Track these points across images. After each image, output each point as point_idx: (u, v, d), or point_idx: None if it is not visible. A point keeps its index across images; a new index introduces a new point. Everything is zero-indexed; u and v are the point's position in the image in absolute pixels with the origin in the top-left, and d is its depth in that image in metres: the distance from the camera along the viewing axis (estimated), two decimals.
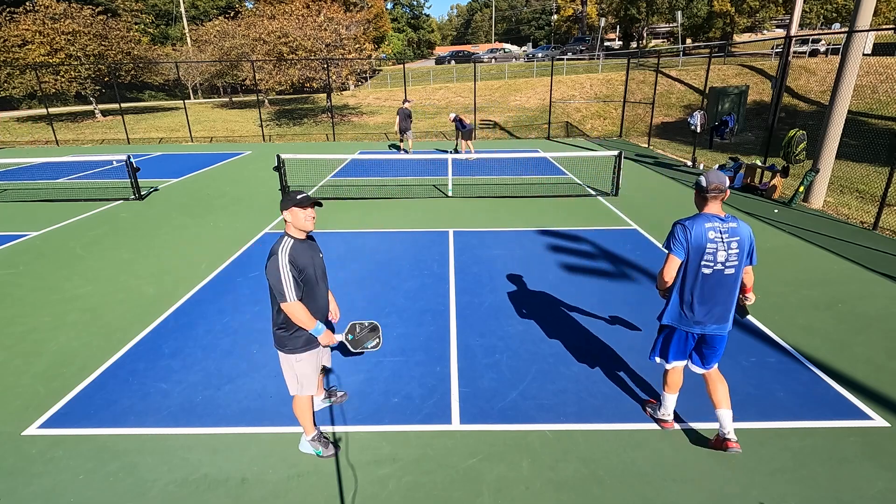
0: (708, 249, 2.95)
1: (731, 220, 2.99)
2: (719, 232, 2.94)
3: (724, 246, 2.95)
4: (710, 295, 3.04)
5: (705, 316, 3.09)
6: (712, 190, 2.98)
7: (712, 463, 3.26)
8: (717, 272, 2.99)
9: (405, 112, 15.20)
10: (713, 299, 3.05)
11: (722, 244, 2.95)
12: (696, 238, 2.95)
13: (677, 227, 3.04)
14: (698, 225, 2.97)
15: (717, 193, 2.98)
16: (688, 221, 3.02)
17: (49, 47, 23.21)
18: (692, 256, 2.98)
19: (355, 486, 3.11)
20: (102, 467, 3.28)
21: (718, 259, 2.96)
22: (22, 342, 4.87)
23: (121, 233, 8.31)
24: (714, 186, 2.97)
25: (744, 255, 2.99)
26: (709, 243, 2.94)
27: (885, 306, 5.36)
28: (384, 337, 4.85)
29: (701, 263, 2.99)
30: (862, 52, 8.45)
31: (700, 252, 2.96)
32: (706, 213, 3.01)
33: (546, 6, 76.00)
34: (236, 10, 36.25)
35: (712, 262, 2.97)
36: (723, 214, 3.00)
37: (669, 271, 3.08)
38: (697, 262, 2.99)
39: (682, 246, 2.99)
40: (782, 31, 34.35)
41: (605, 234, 7.88)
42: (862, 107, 17.40)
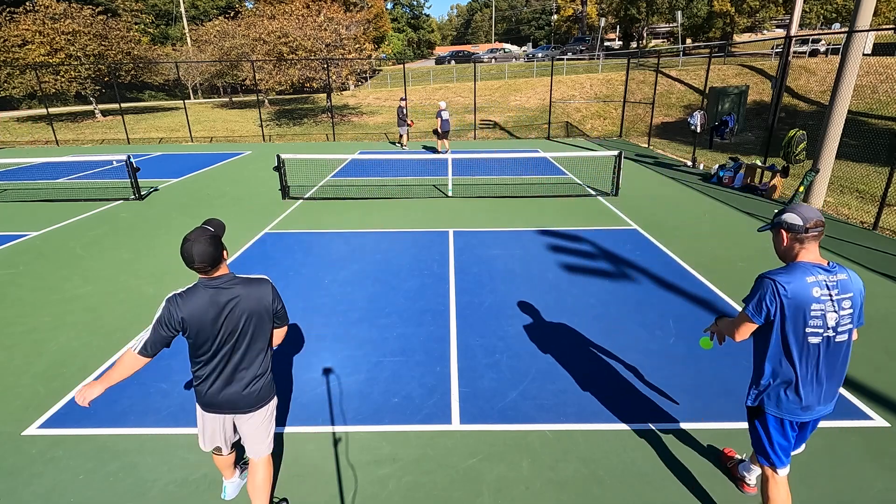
0: (813, 312, 2.19)
1: (839, 270, 2.24)
2: (826, 287, 2.19)
3: (835, 306, 2.20)
4: (820, 371, 2.29)
5: (816, 398, 2.34)
6: (813, 228, 2.22)
7: (712, 463, 3.26)
8: (827, 340, 2.24)
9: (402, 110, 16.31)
10: (823, 376, 2.31)
11: (831, 303, 2.20)
12: (795, 298, 2.19)
13: (766, 284, 2.24)
14: (797, 280, 2.20)
15: (818, 233, 2.25)
16: (782, 276, 2.23)
17: (49, 47, 23.22)
18: (792, 323, 2.22)
19: (355, 486, 3.11)
20: (102, 467, 3.28)
21: (828, 323, 2.21)
22: (22, 342, 4.87)
23: (121, 233, 8.31)
24: (815, 223, 2.22)
25: (856, 315, 2.26)
26: (814, 303, 2.18)
27: (885, 306, 5.36)
28: (384, 336, 4.86)
29: (806, 332, 2.22)
30: (862, 52, 8.45)
31: (802, 316, 2.20)
32: (804, 263, 2.25)
33: (546, 6, 76.01)
34: (236, 10, 36.26)
35: (821, 327, 2.21)
36: (825, 262, 2.26)
37: (742, 333, 2.40)
38: (801, 331, 2.23)
39: (769, 310, 2.24)
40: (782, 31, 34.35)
41: (605, 234, 7.88)
42: (862, 107, 17.39)
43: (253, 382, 2.53)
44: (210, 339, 2.39)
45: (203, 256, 2.31)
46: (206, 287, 2.38)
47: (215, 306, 2.36)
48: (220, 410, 2.55)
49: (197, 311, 2.33)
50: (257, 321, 2.46)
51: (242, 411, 2.56)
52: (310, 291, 5.88)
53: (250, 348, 2.48)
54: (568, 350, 4.59)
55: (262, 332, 2.50)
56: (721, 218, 8.64)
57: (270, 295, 2.51)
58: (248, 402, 2.54)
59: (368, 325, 5.07)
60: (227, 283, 2.42)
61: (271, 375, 2.65)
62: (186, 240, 2.31)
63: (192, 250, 2.30)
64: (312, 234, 8.08)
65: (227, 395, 2.49)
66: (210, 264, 2.35)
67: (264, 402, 2.61)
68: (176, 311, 2.33)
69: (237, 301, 2.40)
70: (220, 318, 2.37)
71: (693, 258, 6.76)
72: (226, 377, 2.47)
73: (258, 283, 2.50)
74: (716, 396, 3.89)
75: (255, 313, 2.44)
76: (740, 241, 7.45)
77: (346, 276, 6.30)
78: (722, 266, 6.48)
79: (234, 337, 2.42)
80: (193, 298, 2.35)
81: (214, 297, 2.37)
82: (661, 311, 5.27)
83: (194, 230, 2.35)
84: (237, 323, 2.40)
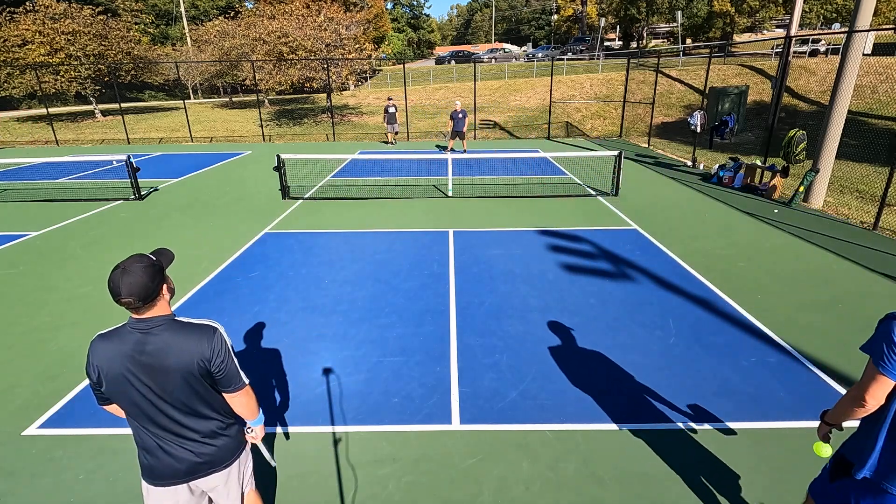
0: None
1: None
2: None
3: None
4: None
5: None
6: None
7: (712, 463, 3.26)
8: None
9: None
10: None
11: None
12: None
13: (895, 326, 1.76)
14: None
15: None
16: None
17: (49, 47, 23.22)
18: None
19: (355, 486, 3.11)
20: (102, 467, 3.28)
21: None
22: (22, 342, 4.88)
23: (121, 233, 8.31)
24: None
25: None
26: None
27: (885, 306, 5.36)
28: (384, 336, 4.86)
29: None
30: (862, 52, 8.45)
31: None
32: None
33: (546, 6, 76.01)
34: (236, 10, 36.25)
35: None
36: None
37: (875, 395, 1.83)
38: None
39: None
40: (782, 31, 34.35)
41: (605, 234, 7.88)
42: (862, 107, 17.39)
43: (207, 443, 2.06)
44: (134, 397, 1.91)
45: (132, 288, 1.80)
46: (132, 330, 1.89)
47: (138, 356, 1.87)
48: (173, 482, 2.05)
49: (113, 361, 1.87)
50: (191, 381, 1.93)
51: (202, 475, 2.09)
52: (310, 291, 5.88)
53: (189, 412, 1.98)
54: (568, 350, 4.59)
55: (201, 390, 1.98)
56: (721, 218, 8.64)
57: (208, 351, 1.92)
58: (207, 463, 2.08)
59: (368, 325, 5.07)
60: (158, 326, 1.89)
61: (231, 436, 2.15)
62: (117, 267, 1.84)
63: (119, 280, 1.80)
64: (312, 234, 8.08)
65: (172, 464, 2.02)
66: (141, 299, 1.83)
67: (233, 458, 2.16)
68: (93, 356, 1.89)
69: (166, 352, 1.88)
70: (145, 373, 1.88)
71: (693, 258, 6.76)
72: (169, 442, 2.00)
73: (198, 331, 1.94)
74: (716, 396, 3.89)
75: (186, 371, 1.91)
76: (740, 241, 7.45)
77: (346, 276, 6.30)
78: (722, 266, 6.48)
79: (165, 396, 1.93)
80: (114, 343, 1.88)
81: (139, 345, 1.87)
82: (661, 311, 5.27)
83: (130, 256, 1.88)
84: (165, 379, 1.90)
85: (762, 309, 5.31)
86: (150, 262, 1.88)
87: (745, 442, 3.41)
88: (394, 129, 18.07)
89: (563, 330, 4.94)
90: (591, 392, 3.98)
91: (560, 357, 4.47)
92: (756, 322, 5.04)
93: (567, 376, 4.19)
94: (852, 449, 2.00)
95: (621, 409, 3.77)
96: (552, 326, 5.01)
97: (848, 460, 2.01)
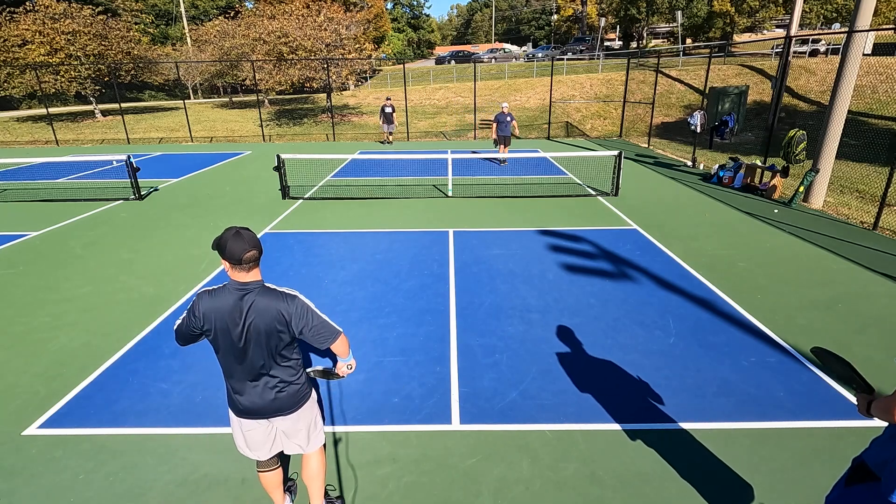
0: None
1: None
2: None
3: None
4: None
5: None
6: None
7: (713, 463, 3.26)
8: None
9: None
10: None
11: None
12: None
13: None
14: None
15: None
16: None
17: (49, 47, 23.21)
18: None
19: (355, 486, 3.11)
20: (102, 467, 3.28)
21: None
22: (22, 342, 4.87)
23: (121, 233, 8.31)
24: None
25: None
26: None
27: (885, 306, 5.36)
28: (384, 336, 4.86)
29: None
30: (862, 52, 8.45)
31: None
32: None
33: (546, 6, 76.00)
34: (236, 10, 36.24)
35: None
36: None
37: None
38: None
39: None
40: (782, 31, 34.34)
41: (605, 234, 7.88)
42: (862, 107, 17.39)
43: (280, 389, 2.41)
44: (227, 345, 2.29)
45: (255, 242, 2.22)
46: (233, 289, 2.26)
47: (235, 311, 2.25)
48: (252, 416, 2.45)
49: (216, 312, 2.25)
50: (272, 338, 2.29)
51: (278, 414, 2.46)
52: (310, 291, 5.87)
53: (271, 359, 2.35)
54: (568, 350, 4.59)
55: (280, 347, 2.34)
56: (721, 218, 8.64)
57: (291, 314, 2.28)
58: (281, 406, 2.44)
59: (368, 325, 5.07)
60: (254, 291, 2.27)
61: (304, 382, 2.52)
62: (224, 236, 2.20)
63: (239, 240, 2.18)
64: (312, 234, 8.08)
65: (255, 402, 2.40)
66: (260, 253, 2.26)
67: (300, 404, 2.51)
68: (199, 306, 2.28)
69: (256, 312, 2.25)
70: (237, 325, 2.25)
71: (693, 258, 6.76)
72: (250, 386, 2.37)
73: (283, 297, 2.30)
74: (716, 396, 3.89)
75: (270, 329, 2.27)
76: (740, 241, 7.45)
77: (346, 276, 6.30)
78: (722, 266, 6.48)
79: (251, 346, 2.29)
80: (218, 298, 2.27)
81: (238, 302, 2.25)
82: (661, 311, 5.27)
83: (230, 227, 2.24)
84: (252, 334, 2.27)
85: (762, 309, 5.31)
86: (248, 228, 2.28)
87: (744, 442, 3.41)
88: (389, 129, 18.08)
89: (563, 330, 4.94)
90: (591, 392, 3.98)
91: (560, 357, 4.47)
92: (756, 322, 5.04)
93: (567, 376, 4.19)
94: (880, 463, 1.91)
95: (621, 409, 3.77)
96: (552, 326, 5.01)
97: (871, 470, 1.94)
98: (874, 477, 1.92)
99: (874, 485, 1.90)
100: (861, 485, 1.97)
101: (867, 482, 1.94)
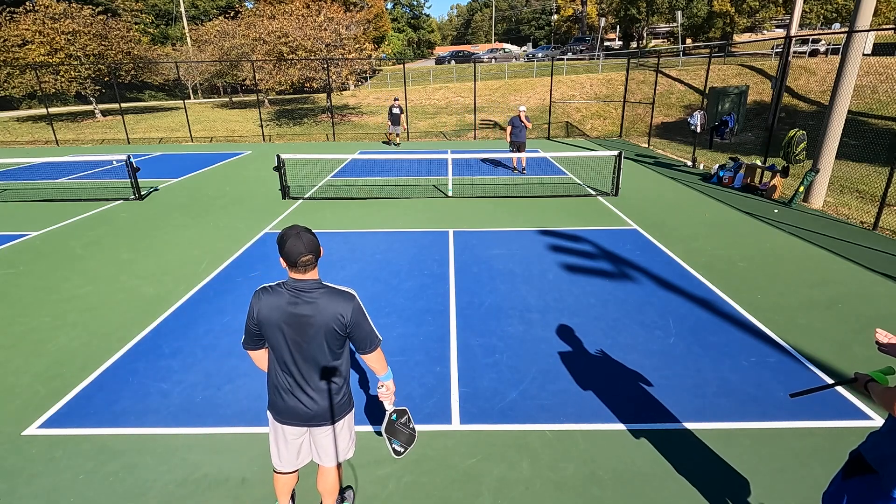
0: None
1: None
2: None
3: None
4: None
5: None
6: None
7: (713, 463, 3.26)
8: None
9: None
10: None
11: None
12: None
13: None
14: None
15: None
16: None
17: (49, 47, 23.22)
18: None
19: (355, 486, 3.11)
20: (102, 467, 3.28)
21: None
22: (22, 342, 4.87)
23: (121, 233, 8.31)
24: None
25: None
26: None
27: (885, 306, 5.36)
28: (384, 336, 4.85)
29: None
30: (862, 52, 8.45)
31: None
32: None
33: (546, 6, 76.00)
34: (236, 10, 36.25)
35: None
36: None
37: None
38: None
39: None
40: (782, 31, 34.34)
41: (605, 234, 7.88)
42: (862, 107, 17.39)
43: (324, 397, 2.35)
44: (278, 344, 2.26)
45: (311, 246, 2.20)
46: (289, 288, 2.24)
47: (290, 309, 2.22)
48: (292, 422, 2.39)
49: (270, 310, 2.23)
50: (328, 337, 2.26)
51: (315, 424, 2.41)
52: None
53: (322, 361, 2.30)
54: (568, 350, 4.59)
55: (334, 347, 2.30)
56: (721, 218, 8.64)
57: (349, 314, 2.25)
58: (321, 415, 2.38)
59: None
60: (311, 289, 2.25)
61: (348, 391, 2.48)
62: (286, 235, 2.19)
63: (299, 241, 2.16)
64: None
65: (295, 407, 2.35)
66: (317, 257, 2.25)
67: (340, 415, 2.46)
68: (255, 302, 2.27)
69: (314, 310, 2.22)
70: (292, 325, 2.23)
71: (693, 258, 6.76)
72: (296, 387, 2.32)
73: (341, 296, 2.28)
74: (716, 396, 3.89)
75: (327, 329, 2.24)
76: (740, 241, 7.45)
77: (346, 276, 6.30)
78: (722, 266, 6.48)
79: (304, 347, 2.25)
80: (274, 296, 2.25)
81: (293, 301, 2.22)
82: (661, 311, 5.27)
83: (292, 226, 2.24)
84: (309, 333, 2.23)
85: (762, 309, 5.31)
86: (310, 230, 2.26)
87: (744, 442, 3.41)
88: (396, 131, 18.04)
89: (563, 330, 4.94)
90: (591, 392, 3.98)
91: (560, 357, 4.47)
92: (756, 322, 5.04)
93: (567, 376, 4.19)
94: (878, 457, 1.93)
95: (621, 409, 3.77)
96: (552, 326, 5.01)
97: (868, 464, 1.97)
98: (871, 470, 1.94)
99: (872, 478, 1.92)
100: (858, 477, 1.99)
101: (864, 475, 1.96)
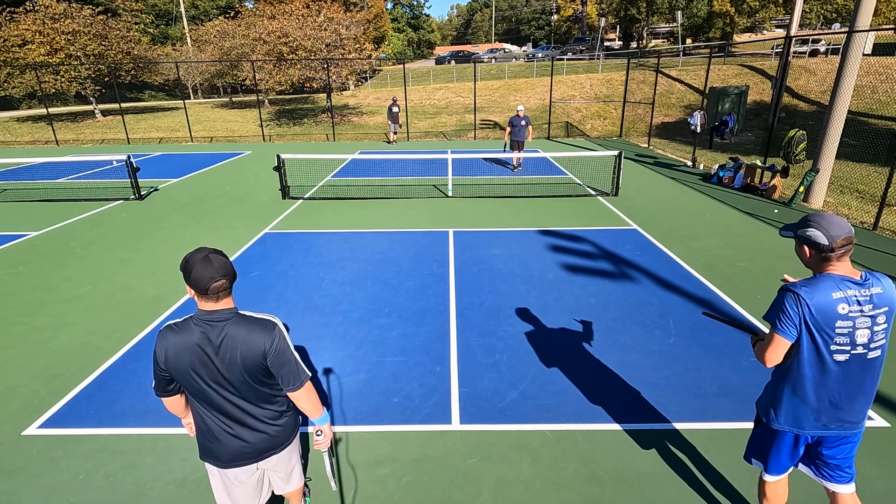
0: (839, 329, 2.00)
1: (874, 282, 2.04)
2: (857, 303, 2.00)
3: (867, 321, 2.01)
4: (846, 390, 2.10)
5: (836, 417, 2.17)
6: (839, 248, 2.02)
7: (712, 463, 3.26)
8: (856, 358, 2.06)
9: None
10: (850, 394, 2.12)
11: (863, 318, 2.00)
12: (817, 314, 2.00)
13: (787, 297, 2.06)
14: (821, 294, 2.01)
15: (845, 250, 2.03)
16: (804, 289, 2.03)
17: (49, 47, 23.22)
18: (812, 339, 2.04)
19: (355, 486, 3.11)
20: (102, 467, 3.28)
21: (858, 340, 2.03)
22: (22, 342, 4.87)
23: (121, 233, 8.31)
24: (842, 241, 2.01)
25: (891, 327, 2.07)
26: (840, 320, 2.00)
27: None
28: (384, 336, 4.86)
29: (831, 349, 2.04)
30: (862, 52, 8.45)
31: (826, 333, 2.02)
32: (832, 276, 2.04)
33: (546, 6, 75.99)
34: (236, 10, 36.27)
35: (848, 345, 2.03)
36: (857, 275, 2.05)
37: (773, 355, 2.15)
38: (824, 348, 2.04)
39: (794, 324, 2.04)
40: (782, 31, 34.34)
41: (605, 234, 7.88)
42: (862, 107, 17.39)
43: (268, 425, 2.14)
44: (198, 388, 1.99)
45: (225, 269, 1.93)
46: (199, 322, 1.95)
47: (203, 348, 1.93)
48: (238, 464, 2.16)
49: (179, 353, 1.93)
50: (252, 373, 1.99)
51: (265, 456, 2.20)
52: (310, 291, 5.88)
53: (254, 393, 2.06)
54: (568, 350, 4.59)
55: (264, 378, 2.05)
56: (721, 218, 8.64)
57: (269, 345, 1.98)
58: (271, 445, 2.19)
59: (368, 325, 5.07)
60: (224, 319, 1.96)
61: (290, 417, 2.25)
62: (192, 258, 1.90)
63: (208, 265, 1.88)
64: (312, 234, 8.08)
65: (240, 447, 2.12)
66: (231, 281, 1.97)
67: (293, 436, 2.29)
68: (161, 344, 1.96)
69: (228, 345, 1.94)
70: (207, 365, 1.95)
71: (693, 258, 6.76)
72: (234, 425, 2.08)
73: (259, 326, 2.00)
74: (716, 396, 3.89)
75: (246, 366, 1.97)
76: (740, 241, 7.45)
77: (346, 276, 6.30)
78: (722, 266, 6.48)
79: (228, 384, 2.00)
80: (181, 334, 1.95)
81: (203, 337, 1.94)
82: (661, 311, 5.27)
83: (199, 249, 1.95)
84: (231, 370, 1.97)
85: (762, 309, 5.30)
86: (221, 251, 1.99)
87: (744, 442, 3.40)
88: (394, 130, 18.14)
89: (563, 330, 4.94)
90: (591, 392, 3.98)
91: (560, 357, 4.47)
92: (756, 322, 5.04)
93: (567, 376, 4.19)
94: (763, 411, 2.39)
95: (621, 409, 3.77)
96: (552, 326, 5.01)
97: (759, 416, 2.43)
98: (760, 421, 2.43)
99: (764, 426, 2.39)
100: (758, 427, 2.48)
101: (759, 425, 2.46)
